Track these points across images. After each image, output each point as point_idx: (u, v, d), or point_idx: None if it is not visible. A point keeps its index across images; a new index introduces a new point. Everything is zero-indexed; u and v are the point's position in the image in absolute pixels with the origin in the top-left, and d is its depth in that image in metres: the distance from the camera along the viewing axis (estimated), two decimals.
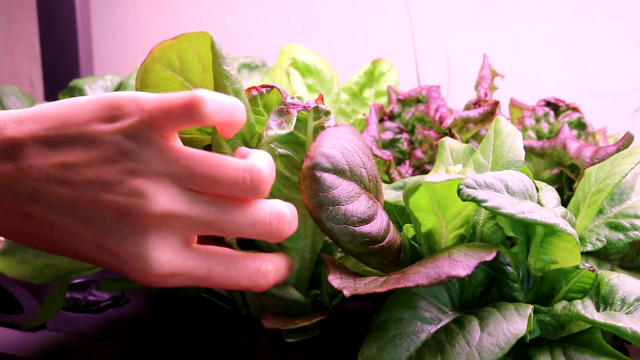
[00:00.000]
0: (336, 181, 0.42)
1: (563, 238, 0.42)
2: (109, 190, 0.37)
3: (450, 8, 1.02)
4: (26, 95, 0.95)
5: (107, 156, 0.37)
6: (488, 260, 0.38)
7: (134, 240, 0.37)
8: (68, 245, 0.39)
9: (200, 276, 0.40)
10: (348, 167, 0.43)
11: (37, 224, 0.38)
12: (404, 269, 0.41)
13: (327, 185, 0.42)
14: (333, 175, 0.42)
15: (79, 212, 0.37)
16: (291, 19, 1.12)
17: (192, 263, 0.39)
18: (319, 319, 0.48)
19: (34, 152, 0.38)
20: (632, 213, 0.49)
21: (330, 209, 0.41)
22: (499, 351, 0.36)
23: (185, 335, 0.55)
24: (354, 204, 0.43)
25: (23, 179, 0.37)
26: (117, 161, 0.37)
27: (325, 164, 0.42)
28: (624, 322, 0.38)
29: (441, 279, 0.36)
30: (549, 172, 0.66)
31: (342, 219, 0.42)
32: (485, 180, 0.40)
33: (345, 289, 0.40)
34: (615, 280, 0.42)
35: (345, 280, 0.42)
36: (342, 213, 0.42)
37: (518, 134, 0.48)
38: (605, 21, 0.95)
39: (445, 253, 0.39)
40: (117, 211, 0.37)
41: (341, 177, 0.43)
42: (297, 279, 0.49)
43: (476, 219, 0.46)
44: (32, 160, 0.37)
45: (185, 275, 0.39)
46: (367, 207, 0.43)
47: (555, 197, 0.47)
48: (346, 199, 0.42)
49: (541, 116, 0.70)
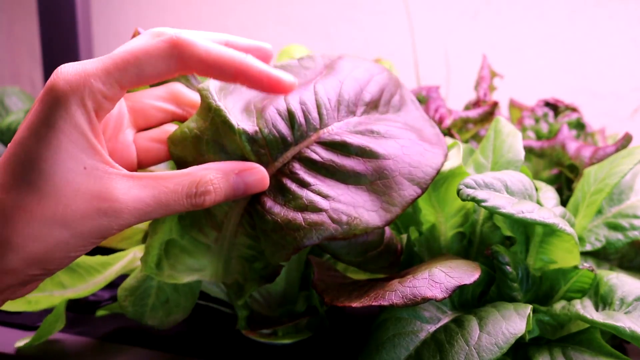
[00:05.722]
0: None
1: (562, 238, 0.42)
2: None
3: (450, 8, 1.02)
4: (27, 96, 0.95)
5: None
6: (468, 284, 0.38)
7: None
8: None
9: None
10: None
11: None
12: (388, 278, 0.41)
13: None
14: None
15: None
16: (291, 20, 1.13)
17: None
18: (306, 318, 0.48)
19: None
20: (630, 213, 0.49)
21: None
22: (497, 350, 0.36)
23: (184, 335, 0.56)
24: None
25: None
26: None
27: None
28: (622, 321, 0.38)
29: (416, 300, 0.36)
30: (548, 172, 0.66)
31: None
32: (485, 180, 0.40)
33: (326, 296, 0.40)
34: (614, 280, 0.42)
35: (329, 286, 0.42)
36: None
37: (518, 134, 0.49)
38: (605, 22, 0.95)
39: (427, 270, 0.39)
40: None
41: None
42: (287, 280, 0.49)
43: (475, 218, 0.46)
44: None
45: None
46: None
47: (555, 197, 0.48)
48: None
49: (540, 116, 0.70)
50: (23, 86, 1.32)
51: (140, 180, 0.35)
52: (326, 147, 0.40)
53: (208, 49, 0.35)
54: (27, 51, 1.31)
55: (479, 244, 0.46)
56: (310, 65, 0.44)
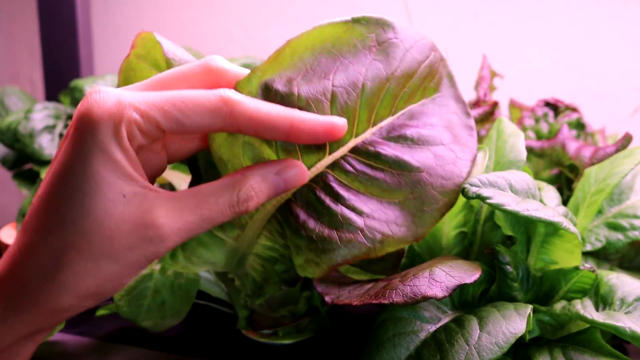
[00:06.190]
0: None
1: (564, 238, 0.42)
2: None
3: (450, 8, 1.02)
4: (27, 96, 0.95)
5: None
6: (468, 284, 0.38)
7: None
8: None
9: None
10: None
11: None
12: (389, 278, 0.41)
13: None
14: None
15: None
16: (291, 20, 1.13)
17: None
18: (308, 319, 0.48)
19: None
20: (631, 213, 0.49)
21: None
22: (498, 350, 0.36)
23: (185, 335, 0.56)
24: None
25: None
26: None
27: None
28: (623, 321, 0.38)
29: (417, 299, 0.36)
30: (548, 172, 0.66)
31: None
32: (489, 179, 0.40)
33: (327, 296, 0.40)
34: (615, 280, 0.42)
35: (330, 286, 0.42)
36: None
37: (520, 134, 0.49)
38: (605, 22, 0.95)
39: (428, 270, 0.39)
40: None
41: None
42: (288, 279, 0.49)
43: (477, 218, 0.46)
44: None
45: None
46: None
47: (557, 197, 0.48)
48: None
49: (540, 116, 0.70)
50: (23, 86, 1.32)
51: (181, 201, 0.34)
52: (360, 157, 0.39)
53: (258, 108, 0.34)
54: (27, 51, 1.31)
55: (479, 244, 0.46)
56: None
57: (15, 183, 0.83)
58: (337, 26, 0.37)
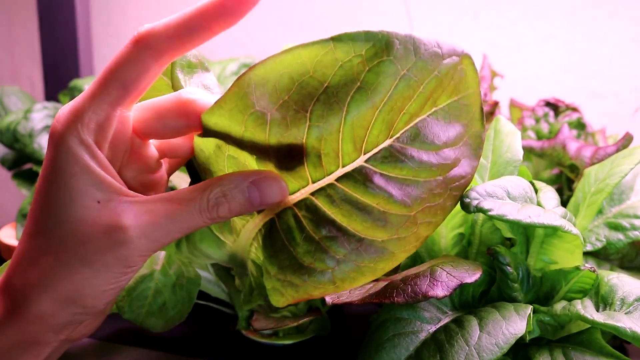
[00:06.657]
0: None
1: (564, 239, 0.42)
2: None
3: (450, 8, 1.02)
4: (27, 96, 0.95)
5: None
6: (468, 284, 0.37)
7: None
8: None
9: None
10: None
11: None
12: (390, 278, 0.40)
13: None
14: None
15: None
16: (291, 20, 1.12)
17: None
18: (308, 319, 0.48)
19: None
20: (631, 213, 0.49)
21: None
22: (498, 351, 0.36)
23: (185, 335, 0.55)
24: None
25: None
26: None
27: None
28: (623, 322, 0.38)
29: (417, 298, 0.36)
30: (549, 172, 0.66)
31: None
32: (487, 190, 0.40)
33: (328, 296, 0.40)
34: (615, 280, 0.42)
35: None
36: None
37: (517, 133, 0.49)
38: (605, 21, 0.95)
39: (428, 269, 0.38)
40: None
41: None
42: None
43: (475, 219, 0.46)
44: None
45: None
46: None
47: (555, 198, 0.47)
48: None
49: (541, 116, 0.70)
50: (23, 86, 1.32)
51: (152, 204, 0.34)
52: (346, 187, 0.36)
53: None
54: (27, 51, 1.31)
55: (478, 245, 0.46)
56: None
57: (15, 183, 0.83)
58: (314, 48, 0.31)
